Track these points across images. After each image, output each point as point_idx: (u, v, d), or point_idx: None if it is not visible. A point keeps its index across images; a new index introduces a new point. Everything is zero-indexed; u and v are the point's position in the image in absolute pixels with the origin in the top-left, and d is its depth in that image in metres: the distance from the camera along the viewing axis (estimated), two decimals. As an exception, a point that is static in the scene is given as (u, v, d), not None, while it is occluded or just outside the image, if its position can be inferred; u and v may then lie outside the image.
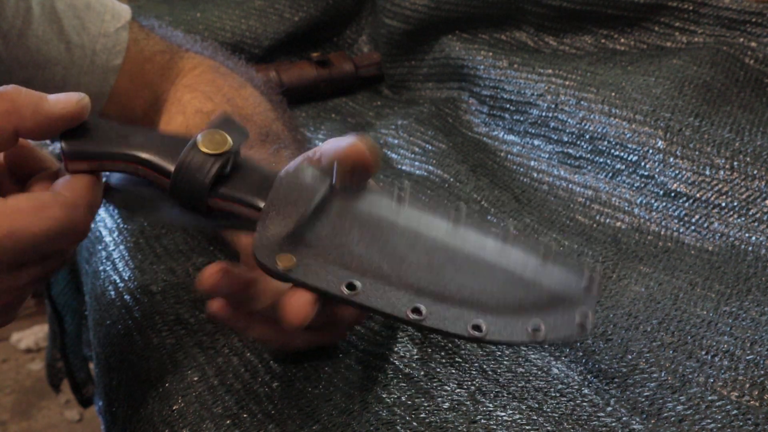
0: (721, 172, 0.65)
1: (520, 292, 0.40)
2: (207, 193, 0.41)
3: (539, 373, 0.48)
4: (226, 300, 0.42)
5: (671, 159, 0.68)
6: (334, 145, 0.43)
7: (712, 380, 0.47)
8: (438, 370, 0.47)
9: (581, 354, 0.51)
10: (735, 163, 0.65)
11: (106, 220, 0.69)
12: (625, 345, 0.51)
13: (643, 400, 0.46)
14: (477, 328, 0.39)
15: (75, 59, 0.61)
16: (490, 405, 0.44)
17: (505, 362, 0.49)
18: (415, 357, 0.48)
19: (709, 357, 0.49)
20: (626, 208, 0.69)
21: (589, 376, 0.48)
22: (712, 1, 0.81)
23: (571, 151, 0.76)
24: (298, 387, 0.47)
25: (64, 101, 0.40)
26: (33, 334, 1.71)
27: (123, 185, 0.44)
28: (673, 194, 0.67)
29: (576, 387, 0.47)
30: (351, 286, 0.39)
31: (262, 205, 0.40)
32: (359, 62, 1.02)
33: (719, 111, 0.71)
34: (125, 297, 0.58)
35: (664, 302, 0.55)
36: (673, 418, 0.44)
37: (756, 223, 0.62)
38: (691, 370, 0.48)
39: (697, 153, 0.67)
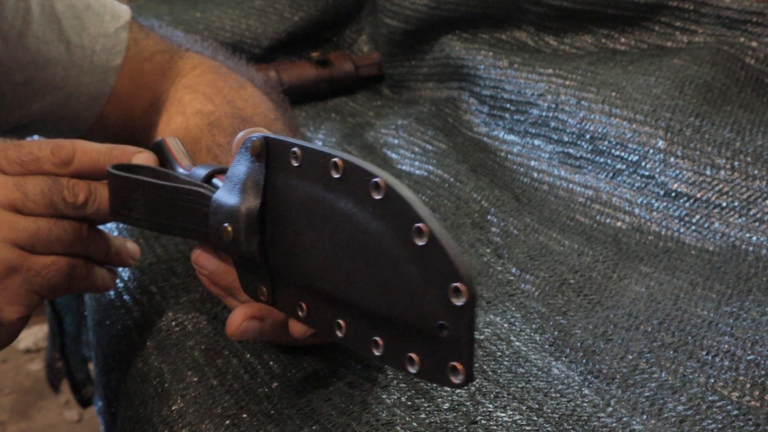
0: (722, 172, 0.65)
1: (398, 304, 0.33)
2: None
3: (539, 373, 0.48)
4: (212, 282, 0.46)
5: (672, 159, 0.68)
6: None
7: (712, 380, 0.47)
8: (438, 370, 0.47)
9: (581, 354, 0.50)
10: (736, 163, 0.65)
11: (105, 221, 0.69)
12: (625, 345, 0.51)
13: (644, 400, 0.46)
14: (376, 344, 0.34)
15: (75, 59, 0.60)
16: (490, 406, 0.44)
17: (505, 363, 0.48)
18: (415, 357, 0.48)
19: (710, 357, 0.49)
20: (627, 208, 0.69)
21: (589, 377, 0.48)
22: (712, 1, 0.81)
23: (571, 151, 0.76)
24: (298, 387, 0.47)
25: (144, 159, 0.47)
26: (32, 335, 1.71)
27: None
28: (673, 194, 0.67)
29: (576, 387, 0.47)
30: (301, 308, 0.39)
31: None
32: (359, 62, 1.02)
33: (720, 111, 0.71)
34: (125, 297, 0.58)
35: (664, 302, 0.55)
36: (673, 419, 0.44)
37: (757, 223, 0.62)
38: (692, 370, 0.48)
39: (697, 153, 0.67)
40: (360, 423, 0.42)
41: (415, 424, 0.41)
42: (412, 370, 0.33)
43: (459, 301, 0.30)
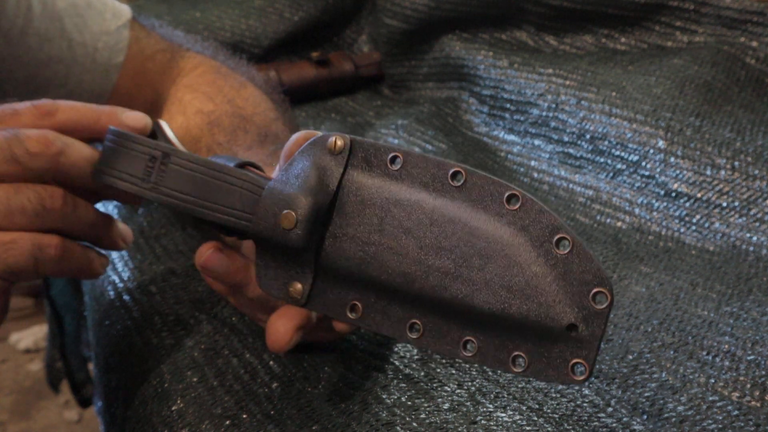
0: (722, 172, 0.65)
1: (513, 305, 0.35)
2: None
3: (540, 373, 0.48)
4: (221, 283, 0.43)
5: (672, 159, 0.67)
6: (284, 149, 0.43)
7: (713, 381, 0.47)
8: (438, 370, 0.47)
9: (582, 354, 0.50)
10: (736, 163, 0.65)
11: (105, 220, 0.69)
12: (625, 345, 0.51)
13: (644, 400, 0.46)
14: (467, 345, 0.36)
15: (77, 57, 0.60)
16: (491, 406, 0.44)
17: (505, 363, 0.48)
18: (415, 357, 0.48)
19: (710, 357, 0.49)
20: (627, 208, 0.69)
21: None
22: (713, 1, 0.81)
23: (571, 151, 0.75)
24: (298, 387, 0.47)
25: (134, 116, 0.43)
26: (32, 335, 1.71)
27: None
28: (674, 194, 0.67)
29: (576, 387, 0.47)
30: (354, 308, 0.39)
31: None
32: (359, 62, 1.02)
33: (720, 111, 0.71)
34: (124, 297, 0.58)
35: (664, 302, 0.55)
36: (674, 419, 0.44)
37: (757, 223, 0.62)
38: (692, 370, 0.48)
39: (698, 153, 0.67)
40: (360, 423, 0.42)
41: (415, 424, 0.41)
42: (518, 369, 0.35)
43: (600, 306, 0.33)
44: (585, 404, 0.45)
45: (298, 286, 0.39)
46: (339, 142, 0.39)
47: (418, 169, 0.38)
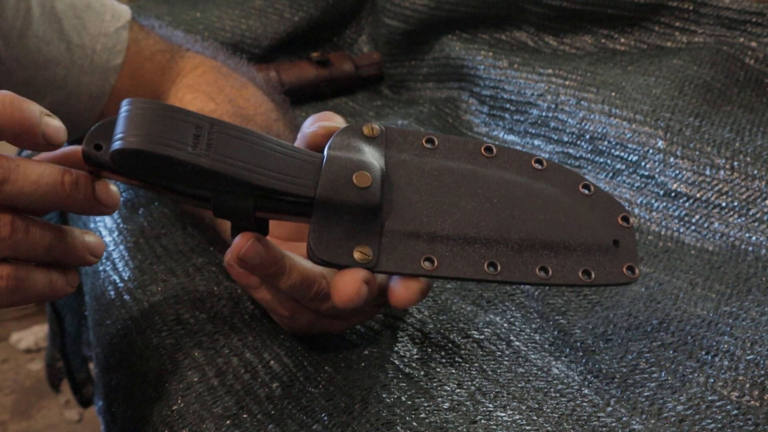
0: (722, 172, 0.65)
1: (569, 233, 0.43)
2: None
3: (539, 373, 0.48)
4: (253, 274, 0.41)
5: (671, 159, 0.68)
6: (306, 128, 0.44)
7: (712, 380, 0.47)
8: (438, 370, 0.47)
9: (581, 354, 0.51)
10: (735, 163, 0.65)
11: (105, 220, 0.69)
12: (625, 345, 0.51)
13: (644, 400, 0.46)
14: (543, 270, 0.42)
15: (75, 59, 0.61)
16: (490, 405, 0.44)
17: (505, 362, 0.49)
18: (415, 357, 0.48)
19: (710, 357, 0.49)
20: (626, 208, 0.69)
21: (589, 376, 0.48)
22: (712, 1, 0.81)
23: (571, 151, 0.76)
24: (298, 387, 0.47)
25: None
26: (33, 334, 1.71)
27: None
28: (673, 194, 0.67)
29: (576, 387, 0.47)
30: (428, 261, 0.41)
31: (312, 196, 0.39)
32: (359, 62, 1.02)
33: (719, 111, 0.71)
34: (125, 297, 0.58)
35: (664, 302, 0.55)
36: (673, 418, 0.44)
37: (756, 223, 0.62)
38: (692, 370, 0.48)
39: (697, 153, 0.67)
40: (360, 422, 0.42)
41: (415, 423, 0.41)
42: (589, 280, 0.43)
43: (628, 224, 0.45)
44: (584, 404, 0.45)
45: (366, 248, 0.40)
46: (375, 128, 0.43)
47: (454, 146, 0.44)
